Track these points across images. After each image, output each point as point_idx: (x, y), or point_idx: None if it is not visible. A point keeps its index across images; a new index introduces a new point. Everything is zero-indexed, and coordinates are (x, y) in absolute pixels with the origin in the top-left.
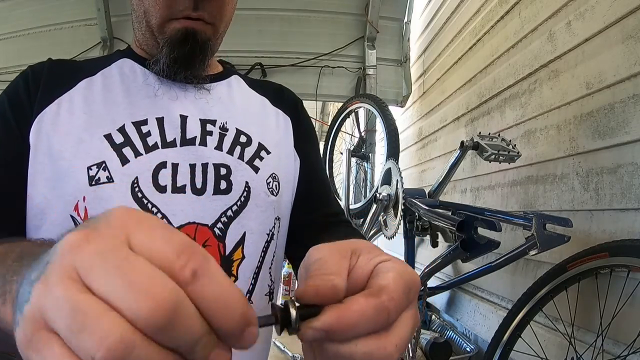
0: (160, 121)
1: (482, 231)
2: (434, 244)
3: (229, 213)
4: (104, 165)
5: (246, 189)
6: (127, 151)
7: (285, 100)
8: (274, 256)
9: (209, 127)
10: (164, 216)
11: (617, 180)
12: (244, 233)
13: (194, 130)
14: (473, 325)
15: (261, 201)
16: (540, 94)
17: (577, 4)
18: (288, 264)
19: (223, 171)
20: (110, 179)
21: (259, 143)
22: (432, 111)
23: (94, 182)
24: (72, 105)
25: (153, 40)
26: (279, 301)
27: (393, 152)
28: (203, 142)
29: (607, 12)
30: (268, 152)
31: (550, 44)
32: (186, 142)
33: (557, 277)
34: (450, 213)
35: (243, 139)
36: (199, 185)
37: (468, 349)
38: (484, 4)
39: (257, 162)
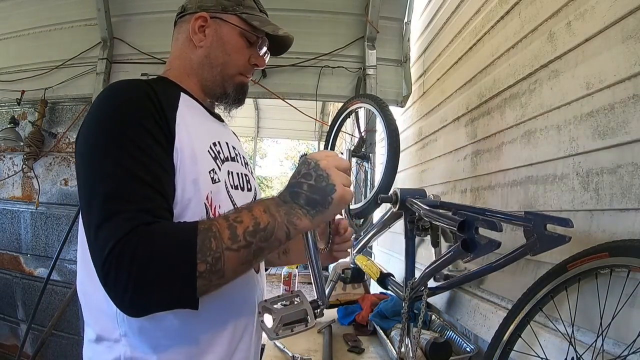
0: (225, 143)
1: (482, 231)
2: (435, 244)
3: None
4: (214, 170)
5: (255, 188)
6: (218, 161)
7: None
8: None
9: (233, 150)
10: (234, 204)
11: (617, 180)
12: None
13: (232, 151)
14: (473, 325)
15: (258, 195)
16: (540, 94)
17: (577, 4)
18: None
19: (246, 178)
20: (218, 180)
21: (245, 158)
22: (432, 111)
23: (214, 182)
24: (185, 125)
25: (220, 82)
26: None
27: (393, 152)
28: (235, 160)
29: (607, 12)
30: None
31: (550, 44)
32: (232, 159)
33: (557, 277)
34: (450, 213)
35: (244, 158)
36: (242, 185)
37: (468, 349)
38: (484, 4)
39: (251, 170)
